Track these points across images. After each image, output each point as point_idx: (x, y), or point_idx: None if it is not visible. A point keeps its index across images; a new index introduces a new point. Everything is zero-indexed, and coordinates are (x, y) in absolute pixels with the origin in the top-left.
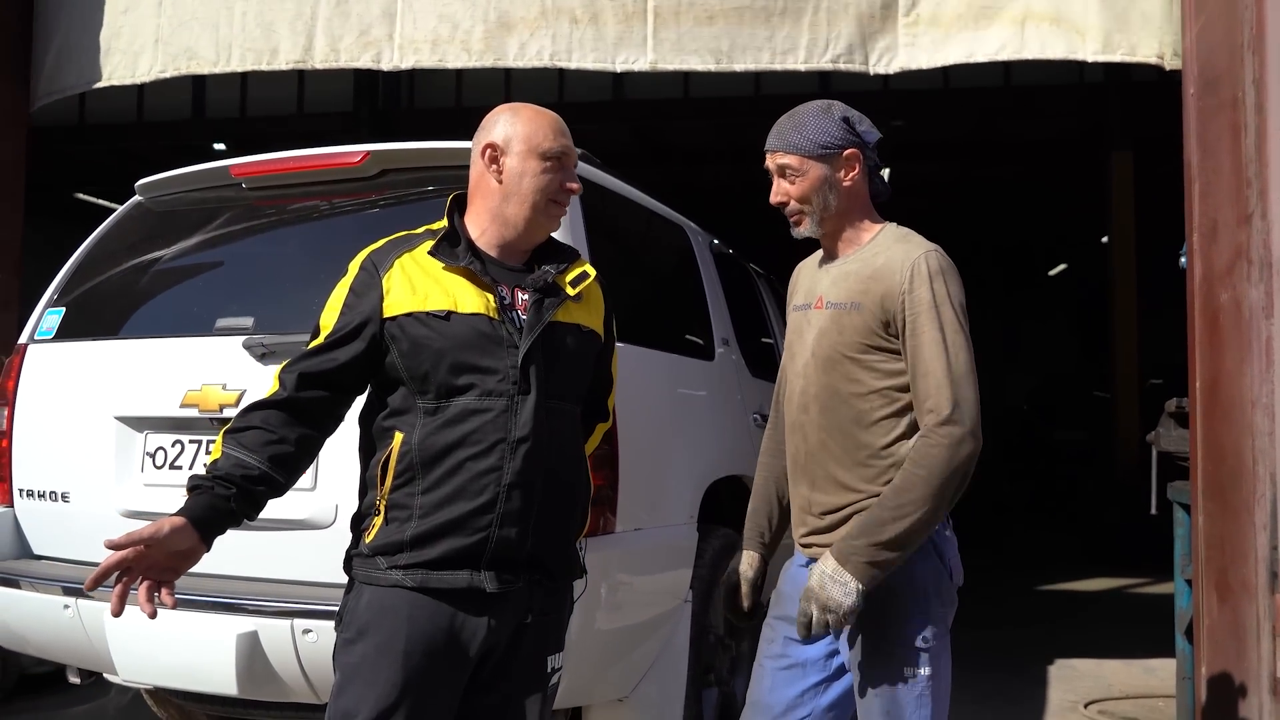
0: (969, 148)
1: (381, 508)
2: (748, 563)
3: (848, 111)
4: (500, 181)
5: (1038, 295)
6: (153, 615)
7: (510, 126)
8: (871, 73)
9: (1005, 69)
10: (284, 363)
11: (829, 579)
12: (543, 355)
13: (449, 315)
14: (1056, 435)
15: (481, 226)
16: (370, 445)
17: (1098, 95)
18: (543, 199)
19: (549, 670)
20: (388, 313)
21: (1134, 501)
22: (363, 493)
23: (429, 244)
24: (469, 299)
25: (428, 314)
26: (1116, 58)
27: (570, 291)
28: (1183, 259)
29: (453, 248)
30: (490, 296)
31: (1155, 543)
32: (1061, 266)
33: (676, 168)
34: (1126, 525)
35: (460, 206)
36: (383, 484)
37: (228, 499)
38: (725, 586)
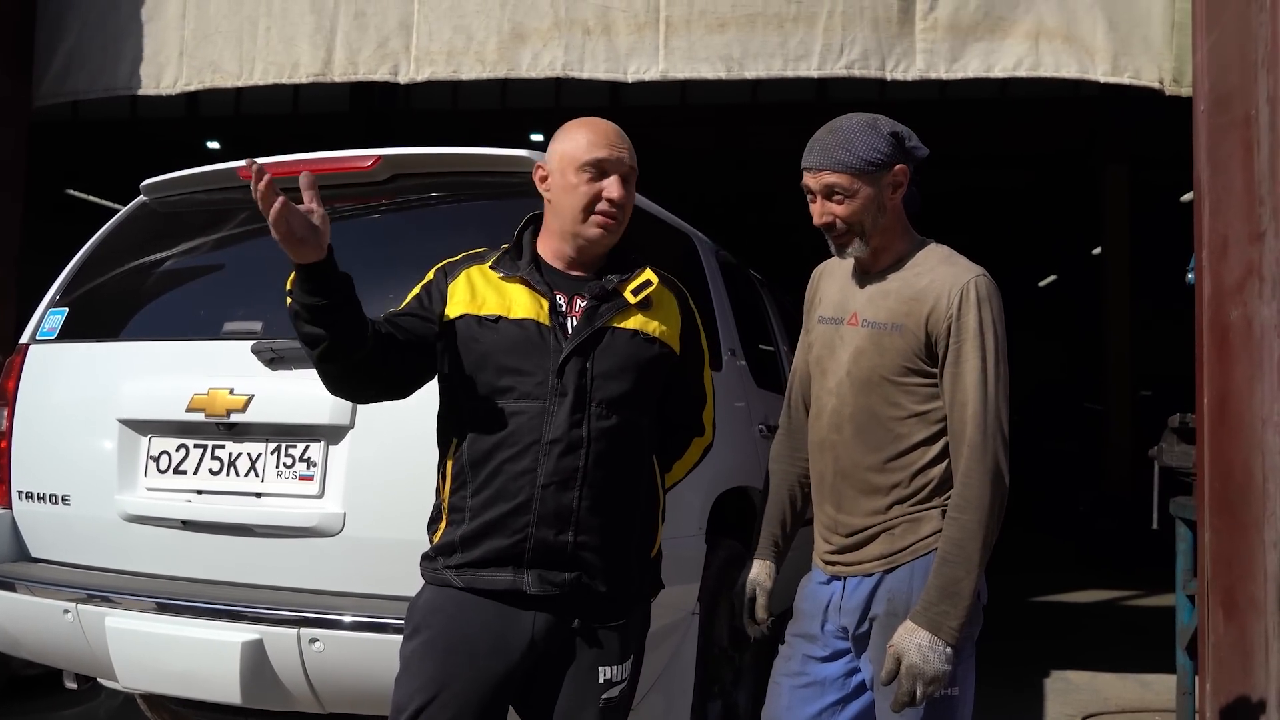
0: (963, 158)
1: (444, 511)
2: (765, 572)
3: (895, 126)
4: (550, 200)
5: (1027, 306)
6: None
7: (554, 145)
8: (889, 79)
9: (1002, 80)
10: None
11: (929, 651)
12: (592, 361)
13: (498, 320)
14: (1045, 445)
15: (546, 241)
16: (440, 451)
17: (1093, 108)
18: (581, 212)
19: (601, 680)
20: (448, 315)
21: (1127, 511)
22: (436, 497)
23: (495, 257)
24: (522, 306)
25: (479, 318)
26: (1124, 80)
27: (631, 299)
28: (1190, 275)
29: (514, 260)
30: (544, 303)
31: (1150, 553)
32: (1052, 278)
33: (675, 174)
34: (1120, 535)
35: (536, 224)
36: (444, 487)
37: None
38: (740, 598)
